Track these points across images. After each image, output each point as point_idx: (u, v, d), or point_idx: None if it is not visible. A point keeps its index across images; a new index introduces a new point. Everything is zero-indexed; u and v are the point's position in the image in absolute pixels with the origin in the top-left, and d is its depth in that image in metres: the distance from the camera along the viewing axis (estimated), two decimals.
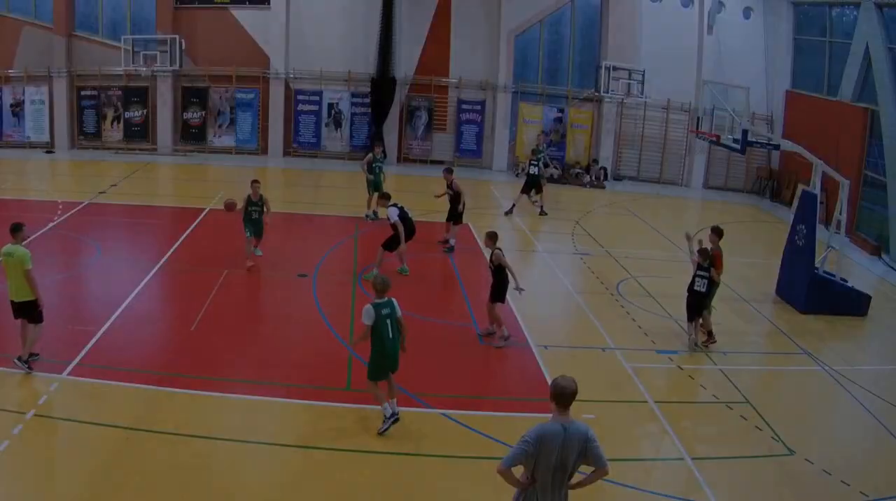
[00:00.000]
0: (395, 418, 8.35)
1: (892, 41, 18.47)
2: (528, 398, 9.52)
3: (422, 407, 9.06)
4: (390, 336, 8.25)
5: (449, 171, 16.26)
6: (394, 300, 8.34)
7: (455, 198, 15.74)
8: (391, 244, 13.56)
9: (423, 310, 12.28)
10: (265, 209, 13.65)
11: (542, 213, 19.58)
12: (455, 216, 15.75)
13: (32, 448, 7.57)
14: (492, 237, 10.96)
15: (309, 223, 17.74)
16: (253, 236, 13.62)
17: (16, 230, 9.18)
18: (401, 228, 13.43)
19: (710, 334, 11.62)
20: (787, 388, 10.84)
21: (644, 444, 8.87)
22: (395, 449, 8.12)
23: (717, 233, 11.80)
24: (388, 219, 13.50)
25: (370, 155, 17.88)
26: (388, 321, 8.25)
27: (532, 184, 19.50)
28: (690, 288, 11.28)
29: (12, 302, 9.14)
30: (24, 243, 9.16)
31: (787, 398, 10.44)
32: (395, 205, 13.71)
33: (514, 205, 19.48)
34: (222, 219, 17.21)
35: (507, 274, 10.84)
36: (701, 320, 11.45)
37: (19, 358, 9.04)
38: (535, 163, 19.64)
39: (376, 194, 16.70)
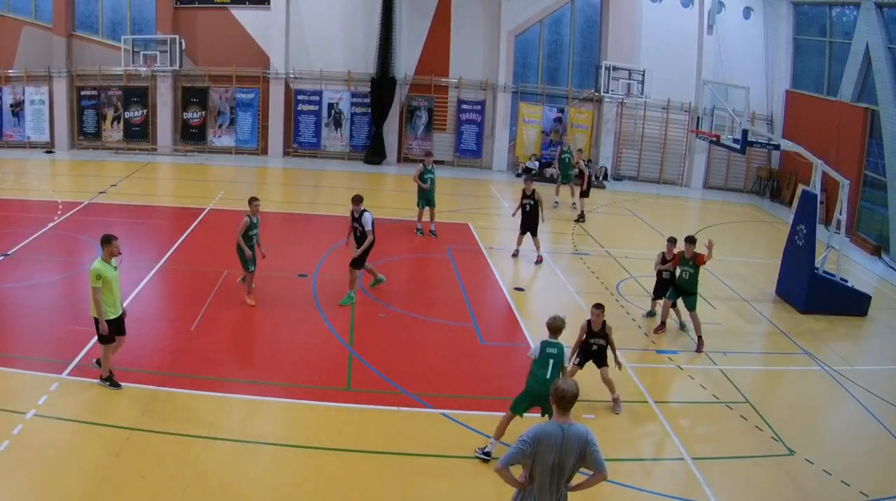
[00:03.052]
0: (488, 457, 7.99)
1: (892, 41, 18.47)
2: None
3: (422, 407, 9.05)
4: (547, 376, 7.93)
5: (530, 180, 15.77)
6: (564, 345, 8.12)
7: (536, 207, 15.10)
8: (361, 260, 12.21)
9: (423, 310, 12.29)
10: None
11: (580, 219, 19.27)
12: (535, 227, 15.21)
13: (32, 448, 7.56)
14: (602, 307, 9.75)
15: (309, 223, 17.73)
16: (254, 268, 11.82)
17: (102, 243, 8.67)
18: (373, 237, 12.15)
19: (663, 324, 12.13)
20: (787, 388, 10.84)
21: (644, 444, 8.87)
22: (395, 449, 8.12)
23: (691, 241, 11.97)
24: (364, 225, 11.97)
25: (420, 165, 16.70)
26: (551, 361, 7.99)
27: (589, 187, 19.41)
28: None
29: None
30: (114, 258, 8.70)
31: (787, 398, 10.44)
32: (367, 210, 12.19)
33: (581, 211, 19.33)
34: (222, 219, 17.26)
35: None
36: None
37: (100, 377, 8.88)
38: (588, 165, 19.59)
39: (427, 208, 16.53)
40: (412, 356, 10.59)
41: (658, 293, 12.44)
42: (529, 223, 15.21)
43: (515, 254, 15.59)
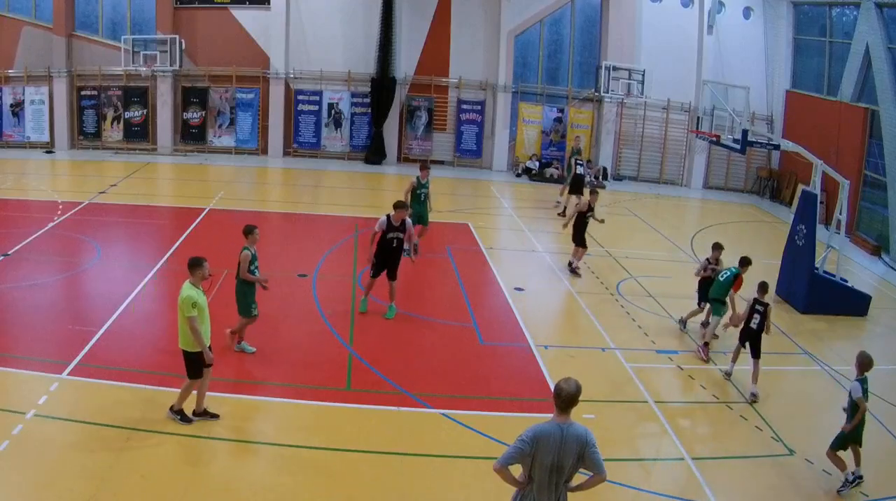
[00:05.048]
0: (858, 479, 8.01)
1: (892, 41, 18.47)
2: (528, 398, 9.53)
3: (422, 407, 9.05)
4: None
5: (596, 191, 14.99)
6: (868, 377, 7.97)
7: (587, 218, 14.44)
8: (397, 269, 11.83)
9: (423, 310, 12.29)
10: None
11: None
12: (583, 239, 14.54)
13: (32, 448, 7.56)
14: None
15: (309, 223, 17.73)
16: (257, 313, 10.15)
17: (190, 267, 8.02)
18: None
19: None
20: (787, 388, 10.83)
21: (644, 444, 8.87)
22: (395, 449, 8.12)
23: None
24: (408, 230, 11.69)
25: (414, 179, 14.91)
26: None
27: (580, 186, 19.32)
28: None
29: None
30: (202, 283, 8.05)
31: (787, 398, 10.43)
32: None
33: (565, 208, 19.27)
34: (222, 219, 17.27)
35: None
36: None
37: (171, 409, 8.26)
38: (581, 163, 19.64)
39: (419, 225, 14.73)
40: (412, 356, 10.60)
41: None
42: (581, 235, 14.53)
43: (572, 268, 14.76)
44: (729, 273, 11.58)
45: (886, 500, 7.81)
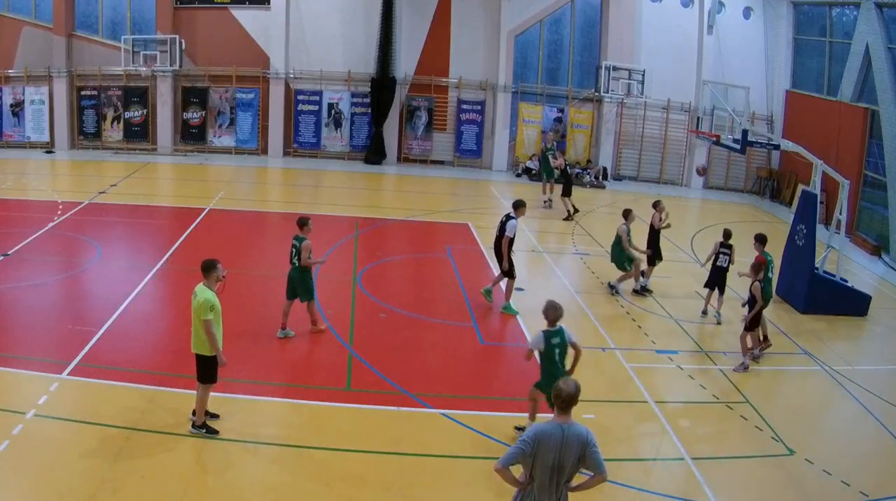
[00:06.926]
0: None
1: (892, 41, 18.47)
2: (527, 398, 9.51)
3: (422, 407, 9.05)
4: (560, 363, 8.00)
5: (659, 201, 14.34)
6: (564, 328, 7.99)
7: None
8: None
9: (423, 310, 12.29)
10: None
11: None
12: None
13: (32, 448, 7.56)
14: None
15: None
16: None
17: (204, 269, 7.89)
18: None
19: (765, 338, 11.43)
20: (787, 388, 10.83)
21: (644, 444, 8.86)
22: (395, 449, 8.12)
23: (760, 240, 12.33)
24: (508, 232, 12.21)
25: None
26: (557, 350, 7.94)
27: (570, 183, 19.57)
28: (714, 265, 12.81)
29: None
30: (216, 285, 7.93)
31: (787, 398, 10.43)
32: None
33: (570, 210, 19.31)
34: (223, 219, 17.26)
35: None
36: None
37: (193, 424, 8.11)
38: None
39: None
40: (412, 356, 10.59)
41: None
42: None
43: (641, 289, 13.93)
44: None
45: (886, 500, 7.80)
